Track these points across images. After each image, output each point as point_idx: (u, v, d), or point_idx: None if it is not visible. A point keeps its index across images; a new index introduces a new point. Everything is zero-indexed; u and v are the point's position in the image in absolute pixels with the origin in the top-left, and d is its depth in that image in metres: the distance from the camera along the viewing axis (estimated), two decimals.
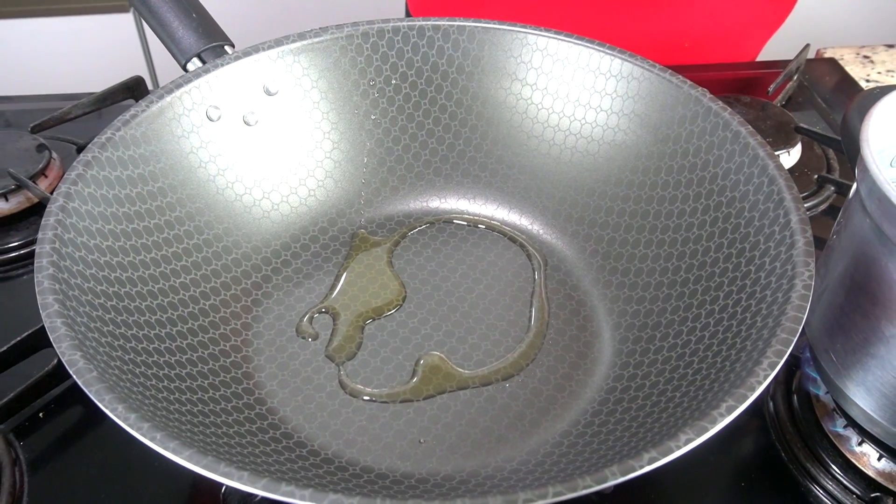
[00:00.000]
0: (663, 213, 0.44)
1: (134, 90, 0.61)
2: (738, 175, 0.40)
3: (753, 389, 0.28)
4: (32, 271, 0.52)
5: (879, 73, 0.76)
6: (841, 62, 0.76)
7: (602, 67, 0.47)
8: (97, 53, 1.31)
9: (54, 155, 0.57)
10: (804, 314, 0.31)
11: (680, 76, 0.45)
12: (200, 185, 0.44)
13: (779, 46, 0.81)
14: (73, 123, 0.59)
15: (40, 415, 0.43)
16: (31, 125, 0.57)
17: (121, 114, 0.42)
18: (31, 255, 0.52)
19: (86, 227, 0.37)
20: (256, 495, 0.26)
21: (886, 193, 0.31)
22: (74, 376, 0.29)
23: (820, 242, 0.47)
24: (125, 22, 1.30)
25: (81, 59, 1.31)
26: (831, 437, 0.41)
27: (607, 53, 0.47)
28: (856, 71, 0.75)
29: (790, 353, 0.30)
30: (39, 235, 0.35)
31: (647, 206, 0.45)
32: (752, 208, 0.39)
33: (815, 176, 0.59)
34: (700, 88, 0.44)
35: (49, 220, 0.35)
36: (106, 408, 0.28)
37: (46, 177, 0.56)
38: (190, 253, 0.43)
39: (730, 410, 0.28)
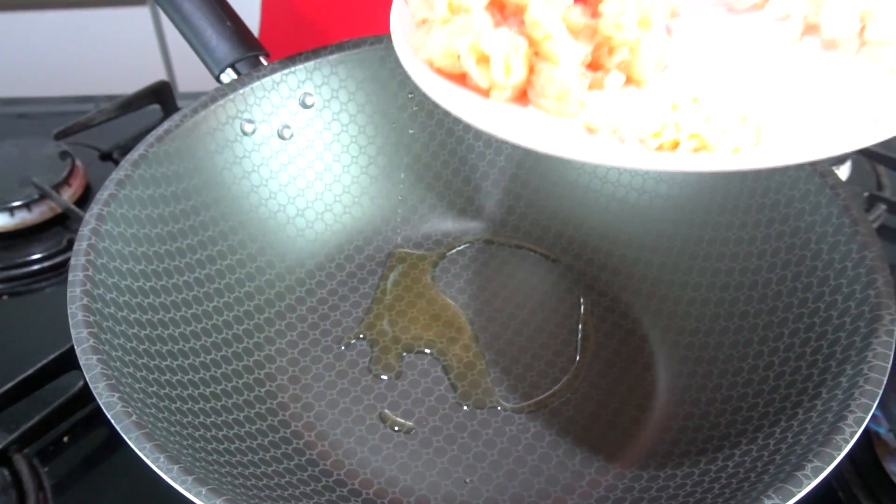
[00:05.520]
0: (718, 239, 0.42)
1: (160, 95, 0.59)
2: (804, 204, 0.38)
3: (840, 449, 0.26)
4: (55, 284, 0.52)
5: None
6: None
7: None
8: (111, 50, 1.28)
9: (78, 163, 0.56)
10: (888, 363, 0.29)
11: None
12: (234, 202, 0.42)
13: None
14: (93, 128, 0.57)
15: (64, 438, 0.41)
16: (56, 132, 0.55)
17: (144, 119, 0.40)
18: (55, 267, 0.51)
19: (118, 251, 0.35)
20: None
21: None
22: (112, 421, 0.27)
23: None
24: (141, 16, 1.28)
25: (94, 55, 1.29)
26: (892, 476, 0.39)
27: None
28: None
29: None
30: (72, 262, 0.33)
31: (700, 231, 0.43)
32: (819, 240, 0.37)
33: (865, 194, 0.56)
34: None
35: (81, 244, 0.34)
36: (147, 457, 0.26)
37: (70, 186, 0.54)
38: (223, 275, 0.41)
39: (816, 472, 0.26)
